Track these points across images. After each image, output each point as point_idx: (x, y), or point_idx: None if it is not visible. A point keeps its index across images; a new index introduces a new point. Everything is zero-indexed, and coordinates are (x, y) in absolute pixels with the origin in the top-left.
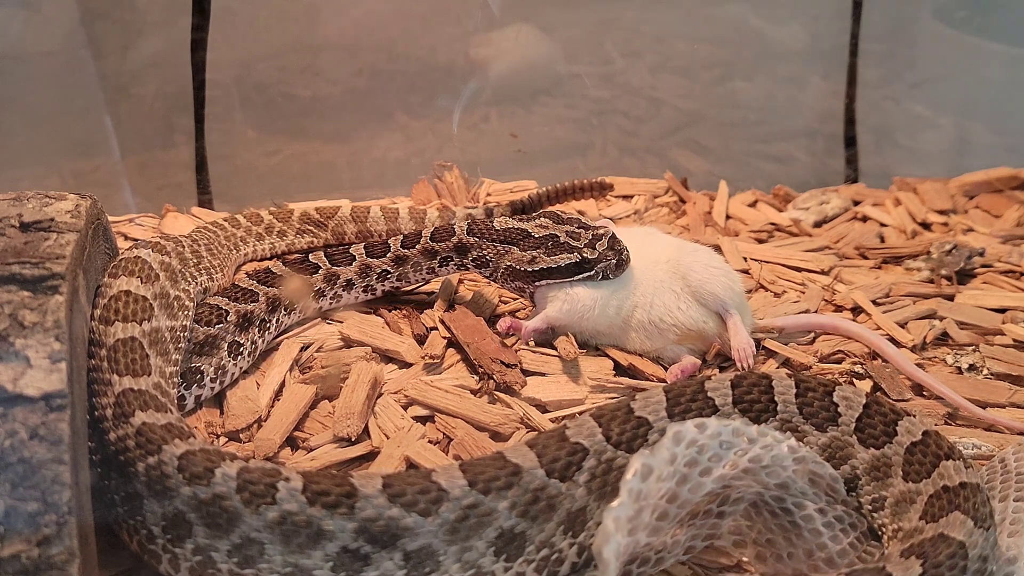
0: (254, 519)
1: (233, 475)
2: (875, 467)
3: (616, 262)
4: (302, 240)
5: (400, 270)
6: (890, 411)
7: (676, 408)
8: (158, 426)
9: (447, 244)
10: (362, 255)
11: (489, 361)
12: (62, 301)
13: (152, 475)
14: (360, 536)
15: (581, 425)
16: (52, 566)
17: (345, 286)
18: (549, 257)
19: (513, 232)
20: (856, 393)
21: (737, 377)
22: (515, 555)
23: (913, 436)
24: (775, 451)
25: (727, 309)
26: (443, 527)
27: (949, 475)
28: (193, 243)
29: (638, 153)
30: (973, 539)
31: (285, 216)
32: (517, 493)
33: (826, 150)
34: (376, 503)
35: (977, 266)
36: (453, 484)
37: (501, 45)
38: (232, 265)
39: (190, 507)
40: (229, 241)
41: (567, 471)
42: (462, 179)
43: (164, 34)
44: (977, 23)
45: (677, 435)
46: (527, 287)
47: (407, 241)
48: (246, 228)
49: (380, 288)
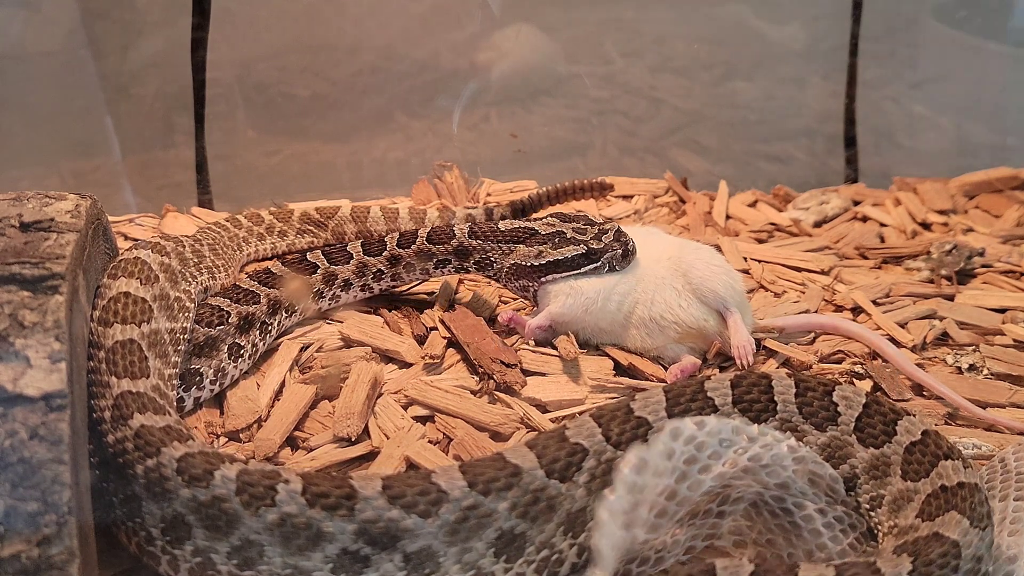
0: (254, 521)
1: (232, 477)
2: (874, 466)
3: (622, 252)
4: (302, 240)
5: (394, 270)
6: (890, 411)
7: (676, 408)
8: (156, 428)
9: (446, 247)
10: (359, 252)
11: (489, 361)
12: (62, 301)
13: (151, 477)
14: (360, 538)
15: (581, 425)
16: (52, 566)
17: (343, 286)
18: (555, 250)
19: (519, 231)
20: (856, 393)
21: (737, 377)
22: (515, 556)
23: (912, 436)
24: (775, 450)
25: (728, 307)
26: (443, 528)
27: (947, 475)
28: (195, 243)
29: (638, 153)
30: (968, 539)
31: (285, 216)
32: (517, 494)
33: (826, 150)
34: (376, 505)
35: (977, 266)
36: (453, 485)
37: (501, 45)
38: (236, 265)
39: (189, 509)
40: (232, 241)
41: (567, 472)
42: (462, 179)
43: (164, 34)
44: (977, 23)
45: (675, 430)
46: (532, 284)
47: (403, 240)
48: (247, 228)
49: (376, 287)
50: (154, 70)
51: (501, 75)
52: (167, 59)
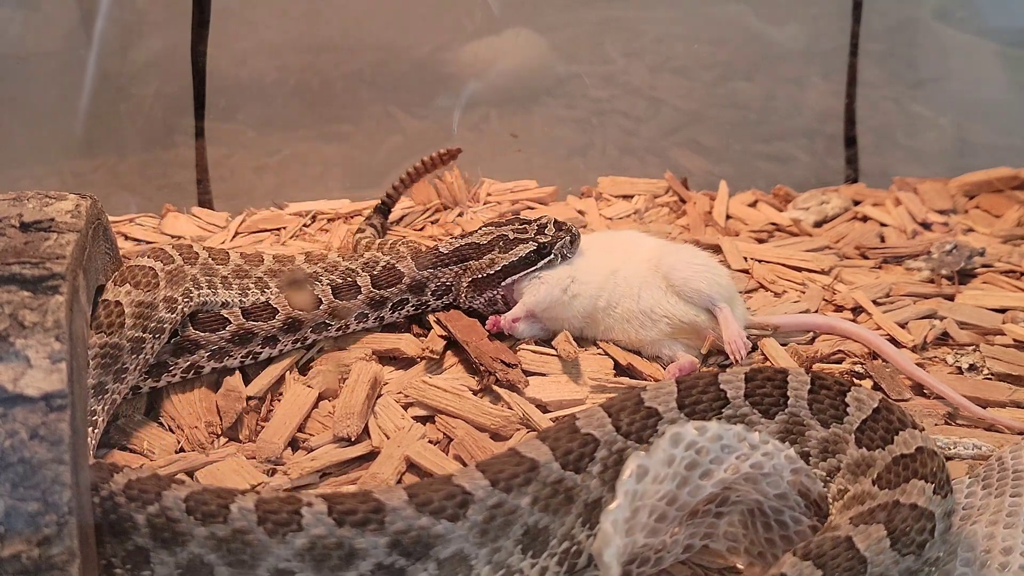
0: (282, 549)
1: (251, 508)
2: (858, 464)
3: (570, 239)
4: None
5: (342, 322)
6: (898, 420)
7: (687, 399)
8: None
9: (398, 288)
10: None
11: (490, 360)
12: (62, 301)
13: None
14: (393, 550)
15: (591, 416)
16: (52, 566)
17: (264, 343)
18: (506, 254)
19: (462, 249)
20: (870, 396)
21: (753, 371)
22: (540, 550)
23: (908, 448)
24: (775, 460)
25: (715, 303)
26: (472, 530)
27: (912, 493)
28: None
29: (638, 153)
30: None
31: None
32: (536, 488)
33: (826, 150)
34: (405, 515)
35: (977, 266)
36: (476, 485)
37: (501, 45)
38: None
39: (208, 548)
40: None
41: (580, 462)
42: (462, 179)
43: (164, 34)
44: (977, 23)
45: (675, 437)
46: (495, 293)
47: (342, 292)
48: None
49: (313, 338)
50: (154, 70)
51: (501, 75)
52: (167, 59)
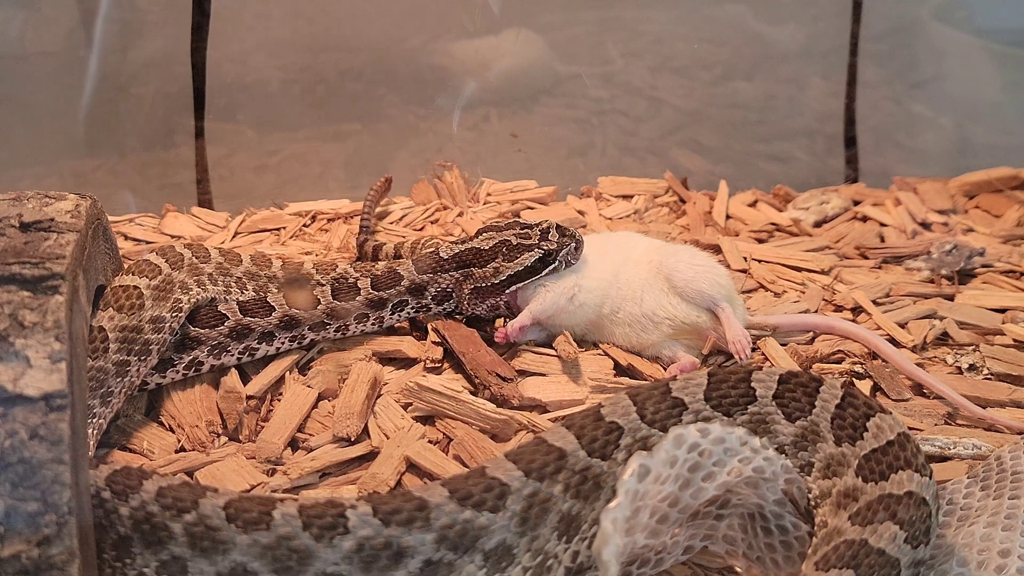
0: (329, 552)
1: (295, 513)
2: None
3: (575, 246)
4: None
5: (340, 322)
6: (904, 460)
7: (715, 392)
8: None
9: (396, 290)
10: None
11: (486, 373)
12: (62, 301)
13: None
14: (441, 545)
15: (616, 403)
16: (52, 566)
17: (261, 338)
18: (511, 263)
19: (463, 255)
20: (891, 427)
21: (788, 373)
22: (573, 535)
23: (899, 490)
24: (775, 466)
25: (717, 304)
26: (513, 520)
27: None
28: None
29: (638, 153)
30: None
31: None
32: (567, 476)
33: (826, 150)
34: (448, 509)
35: (977, 266)
36: (511, 476)
37: (501, 45)
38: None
39: (252, 556)
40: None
41: (606, 449)
42: (462, 179)
43: (164, 34)
44: (976, 23)
45: (678, 438)
46: (499, 300)
47: (341, 293)
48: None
49: (312, 338)
50: (154, 70)
51: (501, 75)
52: (167, 59)
